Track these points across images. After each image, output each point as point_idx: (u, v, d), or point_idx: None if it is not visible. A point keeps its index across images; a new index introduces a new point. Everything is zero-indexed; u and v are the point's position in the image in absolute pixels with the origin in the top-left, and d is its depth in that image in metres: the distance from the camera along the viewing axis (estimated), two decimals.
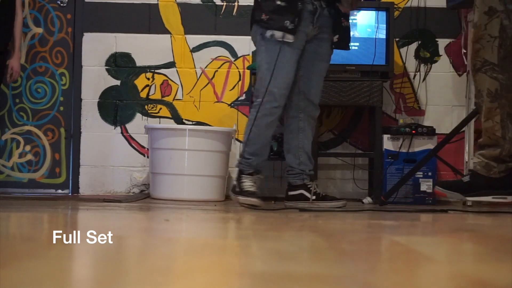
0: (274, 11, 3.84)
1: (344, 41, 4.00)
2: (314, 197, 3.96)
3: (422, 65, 5.14)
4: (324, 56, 4.02)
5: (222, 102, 5.14)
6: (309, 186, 4.00)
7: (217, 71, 5.15)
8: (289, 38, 3.82)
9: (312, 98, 4.01)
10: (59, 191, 5.11)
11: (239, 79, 5.14)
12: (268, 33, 3.84)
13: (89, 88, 5.16)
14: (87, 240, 1.70)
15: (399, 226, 2.83)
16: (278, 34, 3.83)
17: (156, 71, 5.15)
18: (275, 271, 1.33)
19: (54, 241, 1.68)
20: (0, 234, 2.00)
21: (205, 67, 5.14)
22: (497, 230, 2.75)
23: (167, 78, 5.15)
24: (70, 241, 1.70)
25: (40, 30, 5.11)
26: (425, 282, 1.31)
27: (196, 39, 5.15)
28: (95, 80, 5.16)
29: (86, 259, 1.52)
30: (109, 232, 1.72)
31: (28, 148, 5.11)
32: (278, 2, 3.83)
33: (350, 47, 4.11)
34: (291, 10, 3.83)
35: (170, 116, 5.13)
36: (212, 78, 5.15)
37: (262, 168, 4.01)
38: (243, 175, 3.93)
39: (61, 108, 5.13)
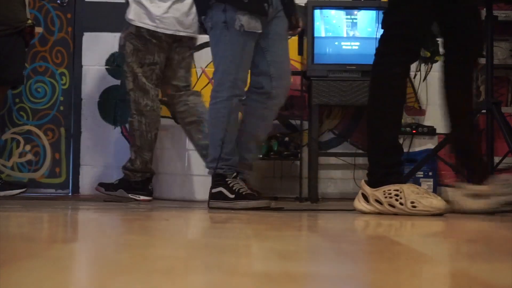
0: None
1: (288, 11, 3.77)
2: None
3: (422, 65, 5.15)
4: (284, 35, 3.82)
5: None
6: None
7: None
8: (258, 28, 3.63)
9: (286, 83, 3.80)
10: (59, 191, 5.11)
11: None
12: (238, 22, 3.60)
13: (89, 88, 5.16)
14: (87, 240, 1.70)
15: (399, 226, 2.83)
16: (248, 24, 3.60)
17: None
18: (275, 271, 1.33)
19: (54, 241, 1.68)
20: (0, 234, 2.01)
21: (206, 67, 5.14)
22: (497, 230, 2.75)
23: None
24: (70, 241, 1.70)
25: (40, 30, 5.11)
26: (425, 282, 1.31)
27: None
28: (95, 79, 5.16)
29: (86, 259, 1.52)
30: (109, 232, 1.72)
31: (28, 148, 5.11)
32: None
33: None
34: None
35: (171, 116, 5.13)
36: (212, 78, 5.15)
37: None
38: (229, 179, 3.68)
39: (61, 108, 5.14)
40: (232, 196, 3.65)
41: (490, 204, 3.24)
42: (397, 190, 2.94)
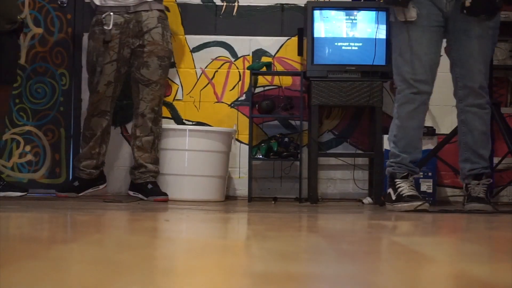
0: None
1: (477, 5, 3.54)
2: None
3: None
4: (475, 32, 3.62)
5: (222, 102, 5.14)
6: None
7: (217, 71, 5.15)
8: (412, 16, 3.54)
9: (472, 84, 3.65)
10: None
11: (239, 80, 5.14)
12: (393, 14, 3.64)
13: None
14: (87, 240, 1.70)
15: (399, 226, 2.83)
16: (400, 15, 3.56)
17: None
18: (275, 271, 1.33)
19: (54, 242, 1.68)
20: (0, 234, 2.01)
21: (205, 67, 5.14)
22: (497, 230, 2.75)
23: (167, 78, 5.15)
24: (70, 242, 1.70)
25: (40, 30, 5.11)
26: (425, 282, 1.31)
27: (196, 39, 5.15)
28: None
29: (86, 260, 1.52)
30: (109, 232, 1.72)
31: (28, 148, 5.11)
32: None
33: (493, 13, 3.63)
34: None
35: (170, 117, 5.13)
36: (212, 78, 5.15)
37: (416, 167, 3.69)
38: (397, 180, 3.64)
39: (61, 108, 5.13)
40: (394, 198, 3.63)
41: None
42: None
